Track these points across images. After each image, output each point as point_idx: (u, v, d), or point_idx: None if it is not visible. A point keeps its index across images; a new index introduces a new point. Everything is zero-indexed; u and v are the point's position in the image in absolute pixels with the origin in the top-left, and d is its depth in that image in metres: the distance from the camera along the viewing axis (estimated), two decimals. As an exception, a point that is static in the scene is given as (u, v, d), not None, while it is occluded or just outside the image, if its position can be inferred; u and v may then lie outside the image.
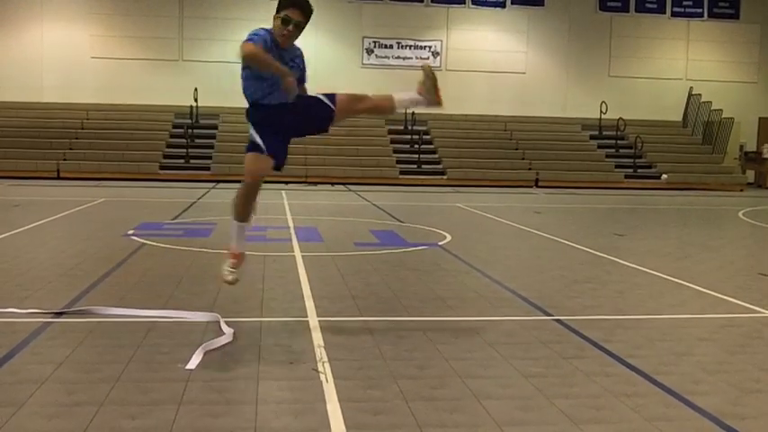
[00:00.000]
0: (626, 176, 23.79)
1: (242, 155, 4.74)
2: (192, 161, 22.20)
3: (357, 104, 4.93)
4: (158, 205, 13.80)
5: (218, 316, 4.97)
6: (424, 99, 4.84)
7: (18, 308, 5.19)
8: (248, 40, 4.55)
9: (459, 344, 4.59)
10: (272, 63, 4.54)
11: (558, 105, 26.70)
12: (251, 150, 4.78)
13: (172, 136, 23.55)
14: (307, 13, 4.70)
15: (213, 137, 23.63)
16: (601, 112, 25.58)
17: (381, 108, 5.11)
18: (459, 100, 25.81)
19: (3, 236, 8.92)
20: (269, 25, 4.78)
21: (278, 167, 4.84)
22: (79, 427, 3.13)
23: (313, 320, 5.07)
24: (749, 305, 5.95)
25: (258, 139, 4.75)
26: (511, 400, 3.58)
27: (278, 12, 4.65)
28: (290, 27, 4.62)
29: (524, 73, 26.53)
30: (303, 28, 4.70)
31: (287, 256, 7.93)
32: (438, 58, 26.03)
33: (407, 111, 23.54)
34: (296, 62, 4.86)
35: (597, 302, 5.95)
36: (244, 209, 4.91)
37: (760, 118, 27.62)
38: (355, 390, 3.69)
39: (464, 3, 26.04)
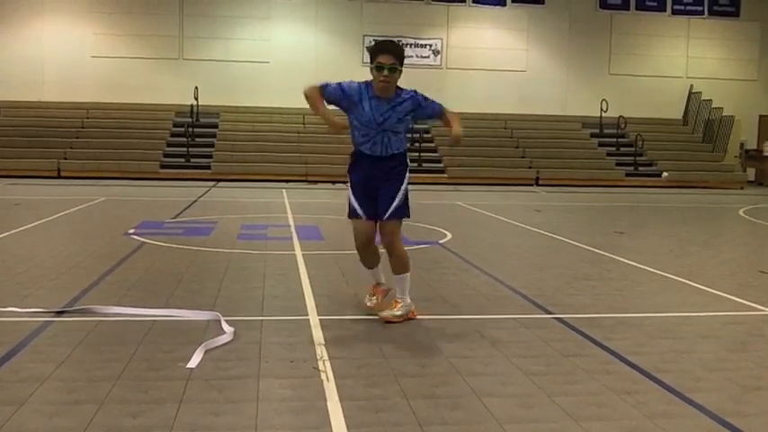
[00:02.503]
0: (626, 174, 23.77)
1: (242, 153, 4.82)
2: (192, 160, 22.18)
3: (386, 239, 5.06)
4: (159, 204, 13.80)
5: (219, 314, 4.97)
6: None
7: (19, 307, 5.20)
8: (321, 84, 4.95)
9: (460, 342, 4.59)
10: (317, 107, 4.95)
11: (558, 103, 26.68)
12: (350, 216, 5.16)
13: (172, 135, 23.54)
14: (396, 53, 4.84)
15: (214, 135, 23.62)
16: (601, 110, 25.56)
17: (395, 261, 5.13)
18: (460, 98, 25.71)
19: (3, 235, 8.92)
20: (267, 24, 4.98)
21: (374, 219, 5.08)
22: (80, 426, 3.13)
23: (314, 319, 5.08)
24: (750, 303, 5.95)
25: (352, 199, 5.09)
26: (512, 398, 3.58)
27: (371, 62, 4.86)
28: (385, 72, 4.78)
29: (525, 71, 26.51)
30: (398, 70, 4.84)
31: (288, 254, 7.94)
32: (438, 56, 26.03)
33: None
34: (396, 110, 4.91)
35: (598, 300, 5.95)
36: (364, 262, 5.31)
37: (760, 116, 27.60)
38: (356, 388, 3.69)
39: (464, 1, 26.02)
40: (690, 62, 27.34)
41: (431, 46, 26.00)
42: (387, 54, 4.79)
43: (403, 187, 4.99)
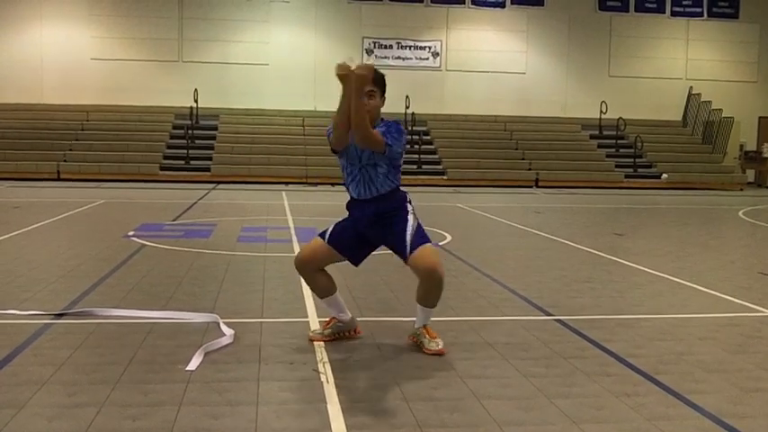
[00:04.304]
0: (626, 176, 23.80)
1: (241, 155, 4.68)
2: (192, 162, 22.20)
3: (426, 266, 4.29)
4: (158, 206, 13.80)
5: (218, 317, 4.97)
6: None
7: (19, 309, 5.20)
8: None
9: (460, 344, 4.59)
10: (346, 103, 4.21)
11: (557, 105, 26.70)
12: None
13: (172, 137, 23.56)
14: (374, 79, 4.30)
15: (213, 138, 23.64)
16: (601, 111, 25.58)
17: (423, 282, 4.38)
18: (459, 100, 25.84)
19: (3, 237, 8.92)
20: (266, 27, 4.64)
21: (351, 261, 4.57)
22: (80, 429, 3.14)
23: (313, 321, 5.07)
24: (749, 304, 5.95)
25: (332, 226, 4.57)
26: (511, 400, 3.58)
27: None
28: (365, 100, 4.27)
29: (524, 73, 26.53)
30: (377, 96, 4.35)
31: (287, 256, 7.93)
32: (438, 58, 26.04)
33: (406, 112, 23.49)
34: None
35: (597, 302, 5.95)
36: (312, 287, 4.65)
37: (760, 117, 27.63)
38: (356, 390, 3.69)
39: (464, 3, 26.05)
40: (689, 64, 27.37)
41: (430, 48, 26.02)
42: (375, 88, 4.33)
43: (410, 220, 4.40)
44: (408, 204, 4.54)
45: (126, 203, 14.41)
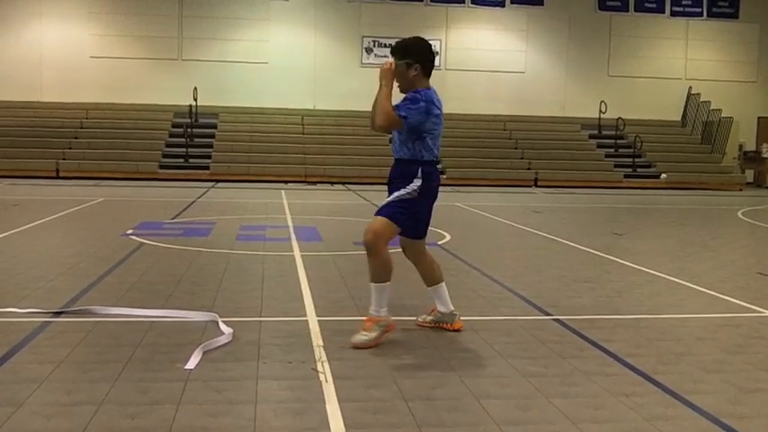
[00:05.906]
0: (625, 176, 23.80)
1: (240, 153, 4.65)
2: (191, 160, 22.19)
3: (366, 236, 4.67)
4: (157, 205, 13.80)
5: (216, 315, 4.97)
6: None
7: (17, 307, 5.19)
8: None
9: (459, 343, 4.59)
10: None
11: (557, 105, 26.70)
12: None
13: (171, 135, 23.55)
14: (396, 51, 4.65)
15: (212, 136, 23.63)
16: (600, 111, 25.58)
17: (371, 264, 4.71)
18: (459, 99, 25.79)
19: (2, 235, 8.91)
20: (266, 25, 4.77)
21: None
22: (78, 427, 3.13)
23: (312, 320, 5.08)
24: (748, 305, 5.95)
25: None
26: (510, 400, 3.58)
27: None
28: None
29: (524, 72, 26.53)
30: (402, 68, 4.61)
31: (286, 255, 7.93)
32: (437, 57, 26.02)
33: None
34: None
35: (596, 302, 5.95)
36: None
37: (759, 117, 27.64)
38: (354, 389, 3.69)
39: (463, 2, 26.04)
40: (689, 64, 27.37)
41: (430, 47, 25.98)
42: (392, 56, 4.67)
43: (401, 191, 4.62)
44: (415, 180, 4.65)
45: (125, 202, 14.40)
